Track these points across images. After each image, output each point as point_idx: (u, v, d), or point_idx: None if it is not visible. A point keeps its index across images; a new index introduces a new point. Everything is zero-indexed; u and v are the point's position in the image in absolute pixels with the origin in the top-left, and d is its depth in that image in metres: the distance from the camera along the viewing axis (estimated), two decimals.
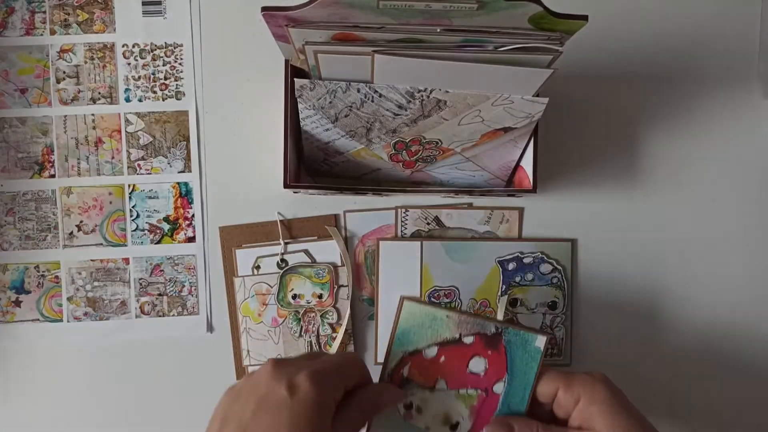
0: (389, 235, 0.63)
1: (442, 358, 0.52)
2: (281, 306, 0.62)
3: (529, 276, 0.62)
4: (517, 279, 0.63)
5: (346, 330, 0.62)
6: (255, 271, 0.62)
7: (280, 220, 0.63)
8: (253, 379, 0.45)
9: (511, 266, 0.63)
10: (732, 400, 0.63)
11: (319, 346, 0.62)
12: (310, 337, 0.62)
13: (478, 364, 0.52)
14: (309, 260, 0.62)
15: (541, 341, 0.51)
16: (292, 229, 0.63)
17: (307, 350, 0.62)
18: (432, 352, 0.52)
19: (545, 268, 0.63)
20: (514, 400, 0.50)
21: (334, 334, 0.62)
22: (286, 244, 0.62)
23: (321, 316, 0.62)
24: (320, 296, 0.62)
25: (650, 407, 0.63)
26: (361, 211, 0.63)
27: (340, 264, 0.62)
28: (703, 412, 0.64)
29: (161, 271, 0.63)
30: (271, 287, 0.62)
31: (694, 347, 0.64)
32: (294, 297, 0.62)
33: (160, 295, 0.63)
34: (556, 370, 0.50)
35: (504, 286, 0.62)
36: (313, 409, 0.43)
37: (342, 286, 0.62)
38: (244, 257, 0.63)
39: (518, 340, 0.51)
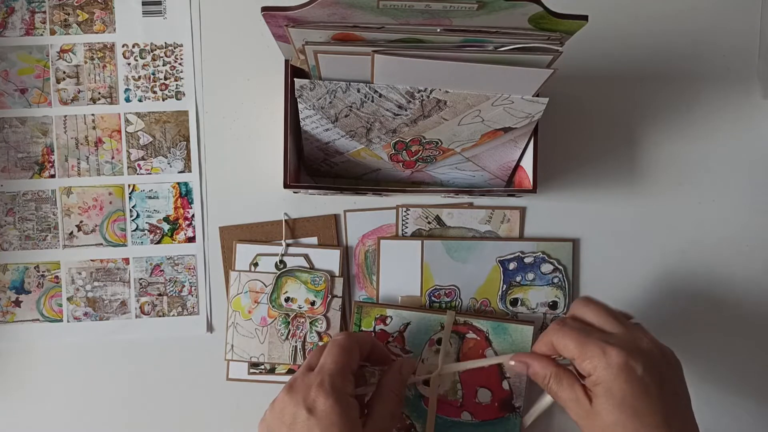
0: (390, 234, 0.63)
1: None
2: (273, 307, 0.62)
3: (530, 276, 0.62)
4: (518, 279, 0.62)
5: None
6: (252, 268, 0.62)
7: (285, 220, 0.62)
8: (277, 410, 0.50)
9: (511, 266, 0.63)
10: (733, 400, 0.64)
11: (304, 352, 0.62)
12: (296, 342, 0.62)
13: None
14: (308, 265, 0.62)
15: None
16: (293, 230, 0.63)
17: (290, 354, 0.62)
18: None
19: (546, 267, 0.63)
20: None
21: (320, 343, 0.62)
22: (287, 245, 0.62)
23: (310, 323, 0.62)
24: (313, 303, 0.62)
25: None
26: (362, 211, 0.63)
27: (337, 274, 0.62)
28: (706, 407, 0.64)
29: (161, 271, 0.63)
30: (266, 286, 0.62)
31: (697, 345, 0.64)
32: (287, 300, 0.62)
33: (160, 295, 0.63)
34: (575, 333, 0.48)
35: (504, 286, 0.62)
36: (336, 418, 0.47)
37: (336, 296, 0.62)
38: (244, 252, 0.62)
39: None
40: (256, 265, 0.62)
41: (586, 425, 0.48)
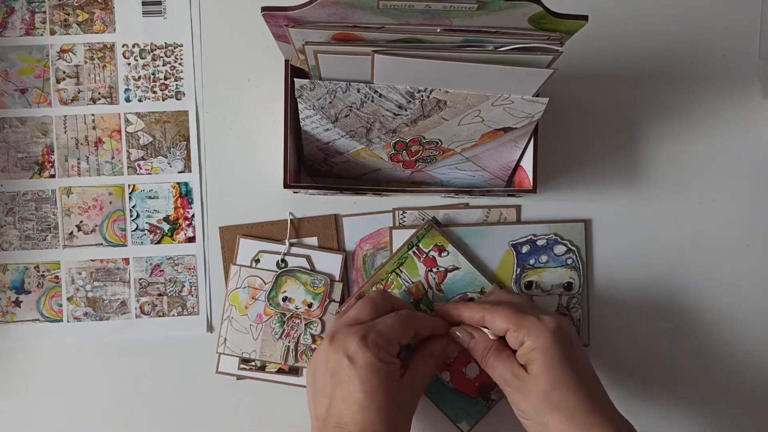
0: (386, 238, 0.63)
1: None
2: (270, 305, 0.62)
3: (543, 258, 0.62)
4: (532, 261, 0.62)
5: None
6: (253, 264, 0.62)
7: (290, 220, 0.62)
8: (322, 356, 0.52)
9: (524, 249, 0.62)
10: (729, 400, 0.64)
11: (296, 353, 0.62)
12: (289, 342, 0.62)
13: None
14: (309, 267, 0.62)
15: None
16: (294, 229, 0.63)
17: (282, 354, 0.62)
18: None
19: (559, 249, 0.63)
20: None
21: (313, 345, 0.62)
22: (291, 245, 0.62)
23: (305, 324, 0.62)
24: (310, 305, 0.62)
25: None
26: (358, 216, 0.63)
27: (338, 279, 0.62)
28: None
29: (161, 271, 0.63)
30: (265, 284, 0.62)
31: (697, 346, 0.64)
32: (284, 299, 0.62)
33: (160, 295, 0.63)
34: (512, 308, 0.53)
35: (518, 269, 0.62)
36: (374, 370, 0.50)
37: (334, 300, 0.62)
38: (247, 247, 0.62)
39: None
40: (257, 261, 0.62)
41: (521, 397, 0.51)
